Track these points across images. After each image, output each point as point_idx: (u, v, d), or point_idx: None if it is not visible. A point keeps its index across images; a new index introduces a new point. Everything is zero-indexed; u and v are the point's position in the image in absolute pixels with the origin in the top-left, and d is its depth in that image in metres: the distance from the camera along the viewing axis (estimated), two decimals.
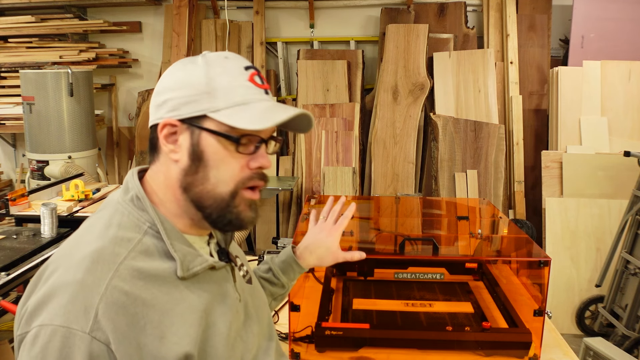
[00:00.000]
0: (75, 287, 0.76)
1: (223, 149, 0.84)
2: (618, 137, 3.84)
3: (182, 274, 0.83)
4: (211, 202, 0.85)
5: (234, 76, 0.85)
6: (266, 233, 4.34)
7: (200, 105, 0.83)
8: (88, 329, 0.73)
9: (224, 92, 0.83)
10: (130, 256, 0.80)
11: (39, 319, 0.75)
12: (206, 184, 0.84)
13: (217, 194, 0.85)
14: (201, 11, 4.65)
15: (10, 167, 5.05)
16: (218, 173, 0.84)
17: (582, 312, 3.44)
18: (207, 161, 0.84)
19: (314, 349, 1.48)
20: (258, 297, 1.06)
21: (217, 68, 0.85)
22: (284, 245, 2.14)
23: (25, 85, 3.74)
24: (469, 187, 3.99)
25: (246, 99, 0.84)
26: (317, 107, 4.24)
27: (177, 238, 0.85)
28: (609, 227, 3.52)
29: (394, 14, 4.39)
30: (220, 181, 0.84)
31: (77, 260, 0.79)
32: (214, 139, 0.83)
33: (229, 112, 0.82)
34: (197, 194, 0.85)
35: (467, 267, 1.85)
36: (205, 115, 0.83)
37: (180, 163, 0.85)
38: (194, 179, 0.84)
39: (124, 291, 0.76)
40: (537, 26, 4.29)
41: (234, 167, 0.85)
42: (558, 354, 1.50)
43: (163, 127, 0.85)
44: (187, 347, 0.79)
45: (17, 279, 2.03)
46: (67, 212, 2.80)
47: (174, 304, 0.81)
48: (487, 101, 4.11)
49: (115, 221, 0.84)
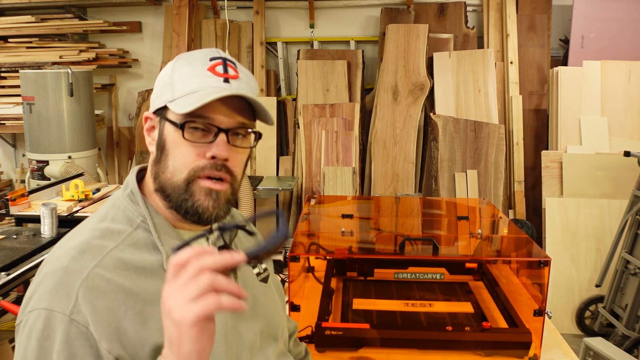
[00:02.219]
0: (60, 273, 0.80)
1: (178, 137, 0.85)
2: (618, 137, 3.84)
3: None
4: (170, 190, 0.86)
5: (194, 67, 0.87)
6: (266, 233, 4.33)
7: (164, 97, 0.87)
8: (68, 311, 0.77)
9: (181, 82, 0.86)
10: (118, 248, 0.83)
11: (29, 306, 0.81)
12: (166, 172, 0.87)
13: (175, 182, 0.86)
14: (201, 11, 4.65)
15: (10, 167, 5.05)
16: (175, 161, 0.86)
17: (582, 312, 3.44)
18: (167, 150, 0.86)
19: (314, 349, 1.48)
20: (270, 297, 1.05)
21: (181, 61, 0.88)
22: (283, 245, 2.14)
23: (25, 85, 3.74)
24: (469, 187, 3.99)
25: (199, 87, 0.85)
26: (317, 107, 4.24)
27: (167, 232, 0.88)
28: (609, 227, 3.52)
29: (394, 14, 4.39)
30: (177, 169, 0.86)
31: (66, 250, 0.83)
32: (172, 128, 0.86)
33: (180, 100, 0.85)
34: (160, 182, 0.87)
35: (467, 267, 1.85)
36: (166, 105, 0.86)
37: (153, 154, 0.89)
38: (158, 168, 0.88)
39: (106, 278, 0.80)
40: (537, 26, 4.29)
41: (188, 155, 0.85)
42: (558, 354, 1.50)
43: (145, 121, 0.91)
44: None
45: (17, 279, 2.03)
46: (67, 212, 2.80)
47: (159, 295, 0.81)
48: (487, 101, 4.11)
49: (109, 215, 0.89)
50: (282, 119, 4.58)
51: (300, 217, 1.91)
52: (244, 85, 0.88)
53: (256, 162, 4.41)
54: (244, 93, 0.86)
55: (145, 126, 0.91)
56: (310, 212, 2.03)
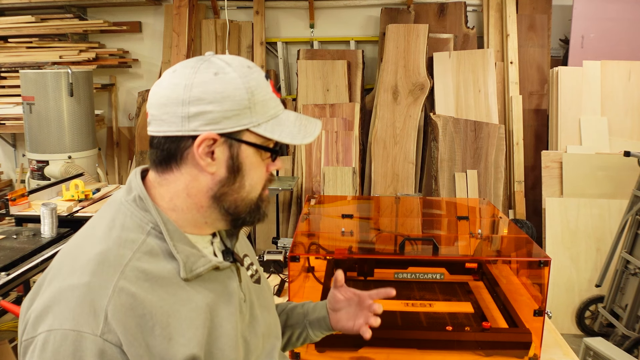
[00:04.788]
0: (83, 290, 0.75)
1: (258, 159, 0.88)
2: (618, 137, 3.84)
3: (186, 275, 0.83)
4: (246, 208, 0.89)
5: (264, 89, 0.87)
6: (266, 233, 4.34)
7: (243, 120, 0.84)
8: (99, 331, 0.73)
9: (262, 106, 0.86)
10: (135, 257, 0.80)
11: (46, 323, 0.75)
12: (241, 192, 0.88)
13: (251, 199, 0.89)
14: (201, 11, 4.65)
15: (10, 167, 5.05)
16: (252, 181, 0.89)
17: (582, 312, 3.44)
18: (244, 171, 0.87)
19: (314, 348, 1.49)
20: (265, 298, 1.06)
21: (252, 82, 0.86)
22: (284, 245, 2.14)
23: (25, 85, 3.74)
24: (469, 187, 3.99)
25: (276, 112, 0.89)
26: (317, 107, 4.24)
27: (180, 239, 0.85)
28: (609, 227, 3.52)
29: (394, 14, 4.39)
30: (253, 187, 0.89)
31: (82, 263, 0.79)
32: (252, 151, 0.87)
33: (268, 126, 0.86)
34: (232, 202, 0.88)
35: (467, 267, 1.85)
36: (248, 129, 0.86)
37: (217, 175, 0.86)
38: (230, 189, 0.87)
39: (131, 293, 0.76)
40: (537, 26, 4.29)
41: (262, 173, 0.90)
42: (558, 354, 1.50)
43: (202, 142, 0.83)
44: (194, 350, 0.79)
45: (17, 279, 2.03)
46: (67, 212, 2.80)
47: (180, 305, 0.81)
48: (487, 101, 4.11)
49: (118, 222, 0.84)
50: None
51: (300, 217, 1.91)
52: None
53: None
54: (317, 133, 0.92)
55: (201, 146, 0.83)
56: (310, 212, 2.03)
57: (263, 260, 2.01)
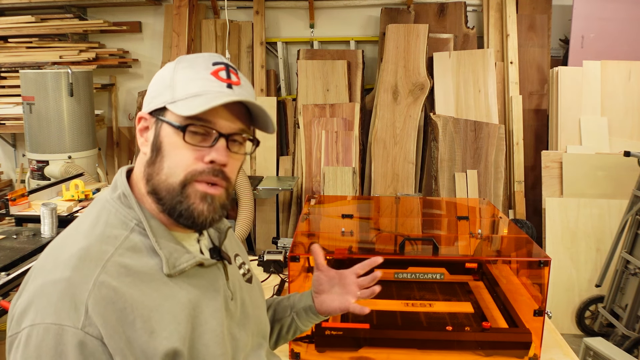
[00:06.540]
0: (64, 284, 0.76)
1: (177, 140, 0.84)
2: (618, 137, 3.84)
3: (168, 271, 0.83)
4: (165, 192, 0.85)
5: (197, 70, 0.86)
6: (266, 233, 4.34)
7: (163, 98, 0.86)
8: (80, 324, 0.74)
9: (183, 84, 0.85)
10: (117, 253, 0.81)
11: (28, 318, 0.76)
12: (161, 174, 0.85)
13: (170, 184, 0.84)
14: (201, 11, 4.65)
15: (10, 167, 5.05)
16: (171, 163, 0.84)
17: (582, 312, 3.44)
18: (164, 151, 0.85)
19: (314, 348, 1.49)
20: (257, 297, 1.06)
21: (183, 63, 0.87)
22: (283, 245, 2.14)
23: (25, 85, 3.74)
24: (469, 187, 3.99)
25: (202, 91, 0.84)
26: (317, 107, 4.24)
27: (164, 235, 0.86)
28: (609, 227, 3.52)
29: (394, 14, 4.39)
30: (172, 171, 0.84)
31: (65, 259, 0.80)
32: (170, 130, 0.85)
33: (182, 103, 0.84)
34: (154, 184, 0.86)
35: (467, 267, 1.85)
36: (165, 107, 0.85)
37: (146, 155, 0.87)
38: (152, 170, 0.86)
39: (112, 287, 0.77)
40: (537, 26, 4.29)
41: (186, 158, 0.84)
42: (558, 354, 1.50)
43: (138, 121, 0.89)
44: (176, 344, 0.79)
45: (17, 279, 2.03)
46: (67, 212, 2.80)
47: (162, 300, 0.81)
48: (487, 101, 4.11)
49: (102, 219, 0.85)
50: (282, 119, 4.58)
51: (300, 217, 1.91)
52: (245, 93, 0.88)
53: (256, 162, 4.41)
54: (251, 100, 0.86)
55: (138, 126, 0.89)
56: (310, 212, 2.03)
57: (263, 260, 2.01)
